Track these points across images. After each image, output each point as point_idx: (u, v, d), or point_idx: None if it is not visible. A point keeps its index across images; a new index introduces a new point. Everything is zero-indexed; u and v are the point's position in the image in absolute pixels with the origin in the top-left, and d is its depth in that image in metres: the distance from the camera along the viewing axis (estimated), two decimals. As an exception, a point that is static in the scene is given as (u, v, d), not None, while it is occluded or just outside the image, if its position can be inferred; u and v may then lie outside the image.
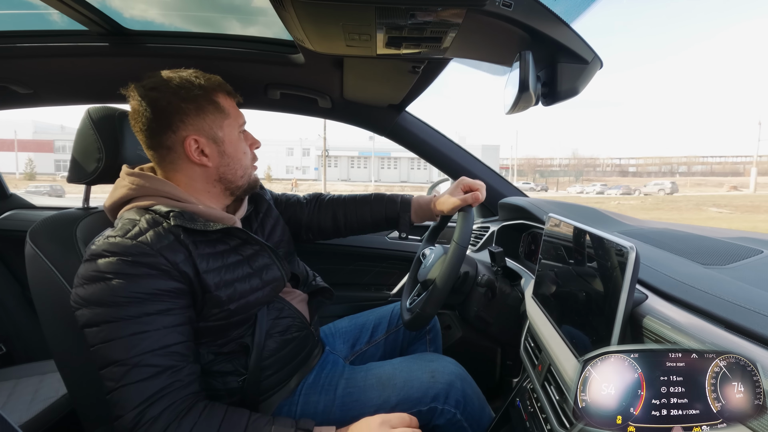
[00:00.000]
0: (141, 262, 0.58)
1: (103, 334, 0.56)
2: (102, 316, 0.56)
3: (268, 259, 0.74)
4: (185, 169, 0.70)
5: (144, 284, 0.58)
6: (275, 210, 0.90)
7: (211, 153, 0.70)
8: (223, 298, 0.65)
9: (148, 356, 0.56)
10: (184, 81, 0.67)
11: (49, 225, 0.76)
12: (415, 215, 0.96)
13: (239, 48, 1.02)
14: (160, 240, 0.60)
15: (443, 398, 0.76)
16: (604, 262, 0.52)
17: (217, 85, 0.71)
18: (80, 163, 0.82)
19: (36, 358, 1.27)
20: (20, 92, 1.16)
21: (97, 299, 0.56)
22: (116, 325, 0.56)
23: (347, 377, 0.80)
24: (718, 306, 0.46)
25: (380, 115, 1.29)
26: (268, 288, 0.72)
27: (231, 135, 0.72)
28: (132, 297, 0.57)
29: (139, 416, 0.54)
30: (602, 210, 1.08)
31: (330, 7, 0.61)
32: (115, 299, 0.56)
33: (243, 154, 0.74)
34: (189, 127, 0.67)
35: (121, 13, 0.96)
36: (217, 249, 0.67)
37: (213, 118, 0.69)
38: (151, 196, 0.67)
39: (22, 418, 0.97)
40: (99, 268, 0.57)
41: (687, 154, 48.77)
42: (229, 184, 0.74)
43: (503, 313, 0.92)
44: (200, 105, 0.68)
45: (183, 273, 0.61)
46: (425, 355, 0.87)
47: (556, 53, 0.70)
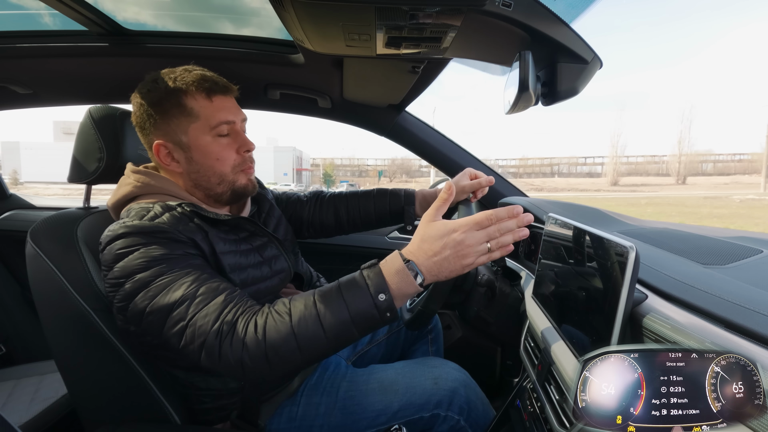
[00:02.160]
0: (163, 236, 0.59)
1: (152, 292, 0.56)
2: (144, 279, 0.56)
3: (276, 250, 0.75)
4: (169, 173, 0.70)
5: (172, 247, 0.59)
6: (278, 209, 0.90)
7: (179, 158, 0.68)
8: (237, 281, 0.65)
9: (202, 287, 0.56)
10: (152, 83, 0.66)
11: (50, 224, 0.76)
12: (420, 208, 0.95)
13: (239, 48, 1.02)
14: (177, 222, 0.61)
15: (446, 405, 0.75)
16: (604, 262, 0.52)
17: (189, 83, 0.65)
18: (81, 162, 0.82)
19: (36, 359, 1.27)
20: (20, 92, 1.16)
21: (132, 268, 0.56)
22: (161, 279, 0.56)
23: (349, 380, 0.80)
24: (718, 306, 0.46)
25: (380, 115, 1.28)
26: (277, 278, 0.73)
27: (198, 140, 0.67)
28: (164, 258, 0.57)
29: (220, 326, 0.53)
30: (602, 210, 1.08)
31: (330, 8, 0.61)
32: (151, 263, 0.56)
33: (215, 161, 0.68)
34: (157, 131, 0.67)
35: (121, 14, 0.96)
36: (229, 236, 0.68)
37: (177, 122, 0.66)
38: (156, 194, 0.67)
39: (22, 418, 0.97)
40: (122, 246, 0.57)
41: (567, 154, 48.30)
42: (207, 191, 0.70)
43: (503, 313, 0.92)
44: (165, 108, 0.66)
45: (201, 249, 0.62)
46: (428, 360, 0.85)
47: (556, 53, 0.70)
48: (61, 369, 0.76)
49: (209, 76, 0.68)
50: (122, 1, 0.94)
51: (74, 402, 0.78)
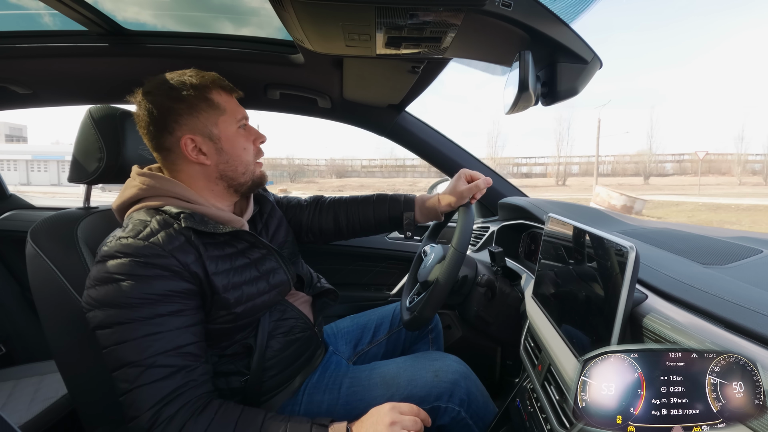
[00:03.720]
0: (153, 263, 0.58)
1: (116, 336, 0.56)
2: (114, 317, 0.56)
3: (274, 262, 0.75)
4: (187, 169, 0.70)
5: (156, 285, 0.58)
6: (278, 211, 0.90)
7: (208, 151, 0.69)
8: (231, 300, 0.65)
9: (162, 357, 0.56)
10: (176, 82, 0.68)
11: (50, 225, 0.76)
12: (420, 214, 0.94)
13: (239, 48, 1.02)
14: (171, 241, 0.61)
15: (447, 397, 0.76)
16: (604, 262, 0.52)
17: (210, 82, 0.69)
18: (81, 162, 0.82)
19: (36, 359, 1.27)
20: (19, 92, 1.16)
21: (110, 301, 0.56)
22: (129, 326, 0.56)
23: (351, 376, 0.80)
24: (718, 306, 0.46)
25: (380, 115, 1.29)
26: (275, 291, 0.73)
27: (227, 131, 0.71)
28: (144, 298, 0.57)
29: (156, 416, 0.54)
30: (602, 210, 1.08)
31: (329, 8, 0.61)
32: (127, 300, 0.56)
33: (243, 150, 0.72)
34: (183, 127, 0.68)
35: (121, 13, 0.96)
36: (225, 251, 0.68)
37: (207, 116, 0.69)
38: (161, 197, 0.67)
39: (22, 418, 0.97)
40: (110, 269, 0.57)
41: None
42: (231, 181, 0.73)
43: (503, 313, 0.92)
44: (192, 104, 0.68)
45: (194, 274, 0.62)
46: (429, 354, 0.87)
47: (556, 53, 0.70)
48: (61, 369, 0.76)
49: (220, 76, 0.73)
50: (122, 1, 0.94)
51: (74, 402, 0.78)
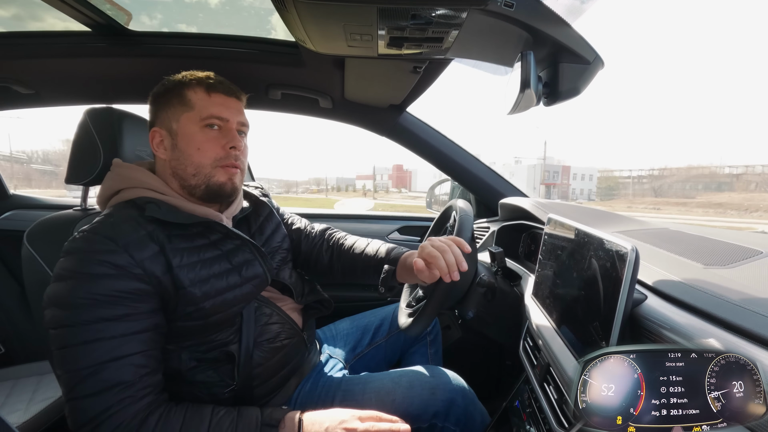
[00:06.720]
0: (101, 259, 0.56)
1: (58, 340, 0.54)
2: (59, 319, 0.54)
3: (249, 254, 0.72)
4: (157, 162, 0.72)
5: (102, 285, 0.55)
6: (278, 218, 0.89)
7: (167, 146, 0.69)
8: (198, 294, 0.63)
9: (98, 368, 0.53)
10: (167, 78, 0.71)
11: (47, 227, 0.76)
12: (400, 270, 0.82)
13: (240, 48, 1.02)
14: (127, 235, 0.59)
15: (443, 415, 0.74)
16: (604, 263, 0.52)
17: (192, 79, 0.69)
18: (79, 164, 0.82)
19: (35, 359, 1.27)
20: (22, 92, 1.16)
21: (57, 300, 0.55)
22: (71, 330, 0.54)
23: (344, 389, 0.78)
24: (717, 306, 0.46)
25: (381, 116, 1.29)
26: (249, 285, 0.70)
27: (186, 128, 0.68)
28: (88, 299, 0.54)
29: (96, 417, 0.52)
30: (602, 210, 1.08)
31: (331, 8, 0.61)
32: (72, 300, 0.54)
33: (196, 150, 0.67)
34: (156, 120, 0.70)
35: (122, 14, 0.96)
36: (194, 243, 0.66)
37: (174, 111, 0.69)
38: (136, 188, 0.67)
39: (20, 418, 0.97)
40: (63, 265, 0.57)
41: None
42: (183, 181, 0.69)
43: (503, 313, 0.92)
44: (167, 99, 0.69)
45: (148, 272, 0.59)
46: (426, 369, 0.84)
47: (558, 53, 0.70)
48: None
49: (215, 76, 0.72)
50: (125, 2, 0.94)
51: None
